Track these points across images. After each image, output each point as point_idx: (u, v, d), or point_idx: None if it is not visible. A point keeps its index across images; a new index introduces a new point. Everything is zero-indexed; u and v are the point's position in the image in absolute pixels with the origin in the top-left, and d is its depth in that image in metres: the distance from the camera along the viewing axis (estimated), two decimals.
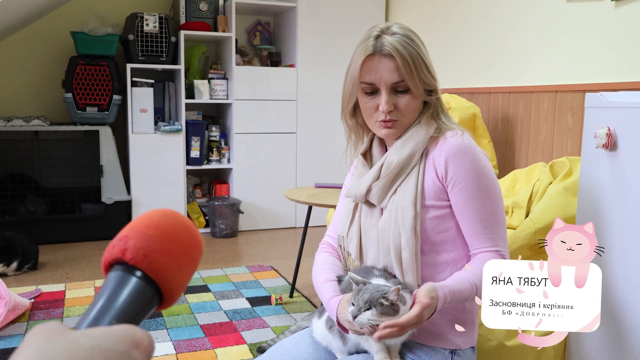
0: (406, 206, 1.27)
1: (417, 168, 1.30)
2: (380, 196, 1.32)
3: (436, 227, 1.28)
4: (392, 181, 1.31)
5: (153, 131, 4.16)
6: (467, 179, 1.25)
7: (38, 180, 4.00)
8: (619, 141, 1.56)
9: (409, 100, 1.30)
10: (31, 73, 4.30)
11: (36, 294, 2.95)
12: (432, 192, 1.28)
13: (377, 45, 1.29)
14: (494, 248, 1.27)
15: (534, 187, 2.17)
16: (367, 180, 1.34)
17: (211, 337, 2.48)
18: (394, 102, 1.30)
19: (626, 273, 1.56)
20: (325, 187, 3.19)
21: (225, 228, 4.25)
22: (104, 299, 0.44)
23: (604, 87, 2.62)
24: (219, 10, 4.38)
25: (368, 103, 1.33)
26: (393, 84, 1.29)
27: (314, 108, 4.53)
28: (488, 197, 1.27)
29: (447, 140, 1.29)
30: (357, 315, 1.15)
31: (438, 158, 1.28)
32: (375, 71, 1.29)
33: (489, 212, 1.26)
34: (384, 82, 1.29)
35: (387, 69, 1.28)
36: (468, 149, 1.27)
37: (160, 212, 0.50)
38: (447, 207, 1.29)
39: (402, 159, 1.30)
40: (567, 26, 2.91)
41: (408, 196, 1.28)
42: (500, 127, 3.38)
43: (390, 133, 1.33)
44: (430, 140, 1.31)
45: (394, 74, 1.28)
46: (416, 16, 4.24)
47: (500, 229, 1.29)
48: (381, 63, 1.29)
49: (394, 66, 1.28)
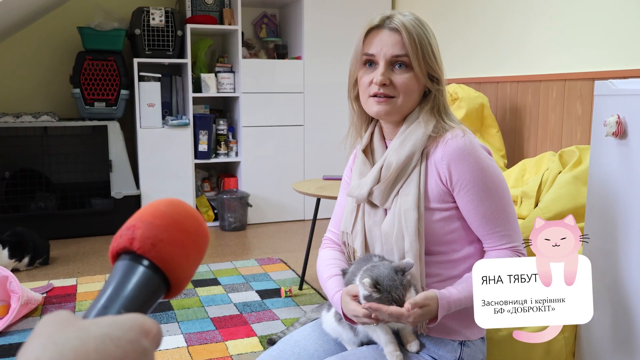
0: (409, 209, 1.25)
1: (418, 169, 1.27)
2: (383, 198, 1.30)
3: (443, 229, 1.27)
4: (393, 183, 1.29)
5: (161, 125, 4.17)
6: (474, 182, 1.23)
7: (48, 175, 4.03)
8: (629, 129, 1.55)
9: (407, 78, 1.27)
10: (39, 69, 4.32)
11: (48, 288, 2.98)
12: (436, 195, 1.26)
13: (385, 19, 1.27)
14: (509, 245, 1.27)
15: (543, 177, 2.16)
16: (368, 183, 1.32)
17: (222, 330, 2.50)
18: (390, 76, 1.27)
19: (635, 260, 1.55)
20: (334, 179, 3.19)
21: (234, 221, 4.27)
22: (112, 288, 0.44)
23: (614, 75, 2.60)
24: (225, 3, 4.37)
25: (364, 77, 1.30)
26: (393, 56, 1.26)
27: (321, 100, 4.52)
28: (497, 195, 1.25)
29: (448, 143, 1.25)
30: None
31: (440, 162, 1.25)
32: (378, 43, 1.27)
33: (500, 210, 1.25)
34: (383, 54, 1.26)
35: (391, 41, 1.26)
36: (470, 150, 1.24)
37: (167, 201, 0.50)
38: (452, 209, 1.28)
39: (402, 160, 1.27)
40: (575, 13, 2.89)
41: (410, 199, 1.26)
42: (509, 116, 3.36)
43: (382, 110, 1.28)
44: (429, 140, 1.28)
45: (395, 47, 1.26)
46: (424, 5, 4.21)
47: (513, 224, 1.28)
48: (385, 35, 1.27)
49: (398, 40, 1.26)
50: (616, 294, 1.63)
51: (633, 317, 1.57)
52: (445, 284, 1.27)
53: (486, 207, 1.24)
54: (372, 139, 1.40)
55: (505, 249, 1.27)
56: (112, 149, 4.05)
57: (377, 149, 1.38)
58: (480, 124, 3.18)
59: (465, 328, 1.30)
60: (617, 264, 1.62)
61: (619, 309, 1.62)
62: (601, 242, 1.67)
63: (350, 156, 1.51)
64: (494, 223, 1.25)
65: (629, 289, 1.59)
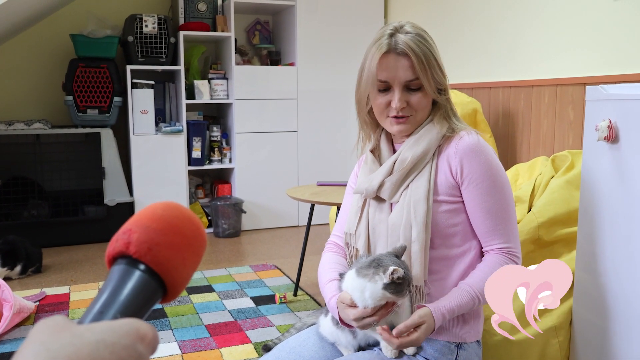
0: (419, 200, 1.30)
1: (430, 165, 1.33)
2: (392, 191, 1.34)
3: (447, 221, 1.31)
4: (405, 177, 1.34)
5: (154, 132, 4.16)
6: (482, 177, 1.29)
7: (40, 183, 4.01)
8: (621, 133, 1.56)
9: (420, 97, 1.33)
10: (31, 76, 4.31)
11: (41, 297, 2.96)
12: (444, 188, 1.32)
13: (392, 43, 1.31)
14: (505, 245, 1.31)
15: (536, 181, 2.16)
16: (379, 176, 1.36)
17: (216, 337, 2.48)
18: (406, 99, 1.32)
19: (630, 265, 1.56)
20: (328, 185, 3.19)
21: (228, 228, 4.26)
22: (107, 292, 0.44)
23: (605, 80, 2.62)
24: (218, 10, 4.37)
25: (380, 99, 1.35)
26: (407, 81, 1.31)
27: (315, 106, 4.53)
28: (502, 194, 1.31)
29: (463, 138, 1.32)
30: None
31: (453, 155, 1.31)
32: (390, 69, 1.31)
33: (502, 208, 1.30)
34: (398, 80, 1.31)
35: (402, 67, 1.31)
36: (483, 148, 1.31)
37: (164, 205, 0.50)
38: (458, 203, 1.32)
39: (417, 155, 1.32)
40: (566, 19, 2.91)
41: (421, 191, 1.30)
42: (502, 121, 3.37)
43: (402, 129, 1.35)
44: (443, 139, 1.35)
45: (408, 72, 1.31)
46: (415, 12, 4.23)
47: (512, 225, 1.33)
48: (396, 61, 1.31)
49: (408, 64, 1.30)
50: (609, 298, 1.63)
51: (626, 321, 1.58)
52: (443, 284, 1.31)
53: (491, 203, 1.29)
54: (379, 141, 1.45)
55: (501, 250, 1.31)
56: (105, 156, 4.03)
57: (384, 151, 1.43)
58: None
59: (462, 330, 1.32)
60: (609, 267, 1.63)
61: (612, 313, 1.63)
62: (593, 245, 1.68)
63: (356, 164, 1.57)
64: (495, 220, 1.30)
65: (621, 293, 1.59)
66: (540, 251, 1.95)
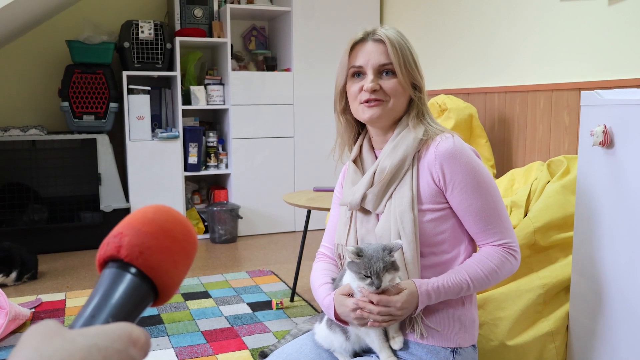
0: (404, 210, 1.28)
1: (410, 172, 1.32)
2: (376, 202, 1.33)
3: (434, 229, 1.30)
4: (386, 187, 1.33)
5: (150, 138, 4.16)
6: (465, 180, 1.28)
7: (36, 189, 4.00)
8: (616, 139, 1.57)
9: (395, 83, 1.33)
10: (27, 82, 4.30)
11: (36, 303, 2.95)
12: (428, 196, 1.30)
13: (369, 32, 1.35)
14: (501, 241, 1.31)
15: (532, 186, 2.17)
16: (361, 188, 1.35)
17: (213, 343, 2.47)
18: (379, 82, 1.33)
19: (624, 269, 1.56)
20: (324, 191, 3.19)
21: (225, 234, 4.25)
22: (99, 296, 0.44)
23: (600, 85, 2.63)
24: (214, 16, 4.38)
25: (353, 86, 1.36)
26: (380, 65, 1.32)
27: (311, 111, 4.53)
28: (488, 193, 1.30)
29: (439, 144, 1.30)
30: (381, 285, 1.19)
31: (433, 162, 1.29)
32: (364, 54, 1.33)
33: (491, 207, 1.30)
34: (371, 65, 1.32)
35: (376, 51, 1.33)
36: (461, 150, 1.29)
37: (155, 208, 0.50)
38: (444, 210, 1.31)
39: (395, 164, 1.31)
40: (561, 25, 2.92)
41: (405, 200, 1.29)
42: (497, 127, 3.38)
43: (374, 114, 1.33)
44: (420, 144, 1.33)
45: (381, 57, 1.32)
46: (411, 18, 4.25)
47: (504, 221, 1.32)
48: (370, 46, 1.33)
49: (383, 49, 1.32)
50: (605, 303, 1.63)
51: (623, 325, 1.58)
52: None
53: (479, 204, 1.28)
54: (361, 150, 1.43)
55: (497, 245, 1.31)
56: (101, 162, 4.03)
57: (367, 159, 1.41)
58: (469, 135, 3.20)
59: (457, 335, 1.32)
60: (605, 272, 1.63)
61: (608, 317, 1.63)
62: (590, 250, 1.68)
63: (340, 174, 1.56)
64: (486, 220, 1.29)
65: (617, 298, 1.59)
66: (536, 256, 1.95)
